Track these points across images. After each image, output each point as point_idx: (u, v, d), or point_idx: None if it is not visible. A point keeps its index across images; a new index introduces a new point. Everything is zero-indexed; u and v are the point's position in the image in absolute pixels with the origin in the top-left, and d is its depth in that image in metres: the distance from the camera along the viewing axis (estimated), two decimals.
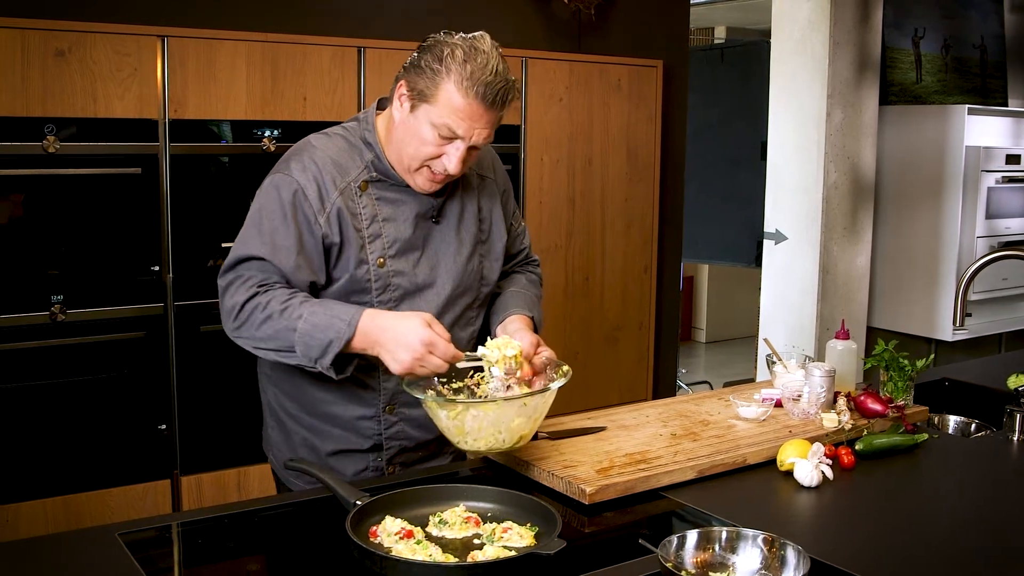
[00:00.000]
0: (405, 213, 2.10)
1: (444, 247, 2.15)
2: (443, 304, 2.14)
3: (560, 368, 2.05)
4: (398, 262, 2.09)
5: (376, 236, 2.06)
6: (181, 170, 3.36)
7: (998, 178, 4.83)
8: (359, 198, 2.06)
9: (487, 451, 1.98)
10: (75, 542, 1.77)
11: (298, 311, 1.94)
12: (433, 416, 1.97)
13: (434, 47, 1.98)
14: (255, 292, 1.98)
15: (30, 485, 3.21)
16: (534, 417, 1.96)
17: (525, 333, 2.14)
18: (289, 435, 2.18)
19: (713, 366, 8.24)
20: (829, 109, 4.48)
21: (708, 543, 1.64)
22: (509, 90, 1.98)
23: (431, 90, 1.96)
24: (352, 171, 2.07)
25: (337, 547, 1.72)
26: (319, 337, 1.92)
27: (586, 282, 4.48)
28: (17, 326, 3.14)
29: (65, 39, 3.13)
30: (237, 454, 3.54)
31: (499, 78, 1.95)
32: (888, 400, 2.41)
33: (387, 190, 2.09)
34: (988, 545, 1.81)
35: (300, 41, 3.57)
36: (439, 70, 1.95)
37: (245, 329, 1.99)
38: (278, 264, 1.99)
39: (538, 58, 4.19)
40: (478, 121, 1.97)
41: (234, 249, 2.03)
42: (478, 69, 1.93)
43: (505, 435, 1.93)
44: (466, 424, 1.92)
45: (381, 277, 2.07)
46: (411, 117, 2.00)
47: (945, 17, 5.28)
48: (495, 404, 1.91)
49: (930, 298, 4.87)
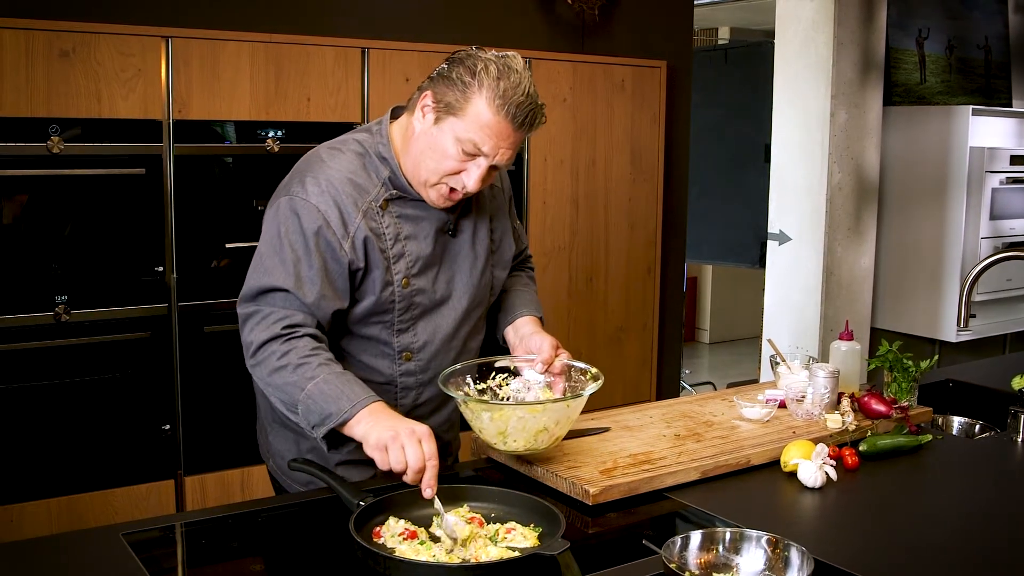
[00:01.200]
0: (425, 229, 2.06)
1: (460, 261, 2.13)
2: (460, 318, 2.14)
3: (588, 372, 2.08)
4: (420, 280, 2.06)
5: (400, 256, 2.03)
6: (185, 171, 3.37)
7: (1002, 179, 4.83)
8: (381, 218, 2.02)
9: (525, 451, 2.00)
10: (79, 542, 1.78)
11: (313, 372, 1.89)
12: (473, 416, 1.98)
13: (466, 60, 1.93)
14: (276, 335, 1.93)
15: (34, 485, 3.21)
16: (570, 419, 2.00)
17: (543, 336, 2.15)
18: (298, 441, 2.17)
19: (717, 367, 8.24)
20: (833, 110, 4.47)
21: (712, 544, 1.64)
22: (538, 113, 1.94)
23: (460, 103, 1.91)
24: (371, 190, 2.02)
25: (341, 548, 1.72)
26: (322, 405, 1.87)
27: (590, 283, 4.47)
28: (21, 326, 3.14)
29: (69, 40, 3.14)
30: (241, 454, 3.54)
31: (530, 100, 1.91)
32: (892, 401, 2.41)
33: (406, 207, 2.05)
34: (992, 546, 1.81)
35: (304, 42, 3.57)
36: (471, 84, 1.90)
37: (258, 369, 1.96)
38: (302, 297, 1.94)
39: (542, 59, 4.18)
40: (504, 140, 1.93)
41: (255, 276, 1.98)
42: (511, 88, 1.89)
43: (543, 437, 1.96)
44: (509, 426, 1.94)
45: (405, 297, 2.05)
46: (435, 129, 1.95)
47: (949, 18, 5.27)
48: (541, 407, 1.93)
49: (934, 299, 4.87)
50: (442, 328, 2.12)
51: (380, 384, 2.09)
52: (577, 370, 2.12)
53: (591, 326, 4.49)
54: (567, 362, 2.11)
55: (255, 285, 1.98)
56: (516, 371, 2.15)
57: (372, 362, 2.09)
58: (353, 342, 2.09)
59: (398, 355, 2.09)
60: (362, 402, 1.87)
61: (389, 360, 2.10)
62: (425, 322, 2.09)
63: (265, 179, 3.50)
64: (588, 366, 2.10)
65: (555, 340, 2.13)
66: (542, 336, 2.14)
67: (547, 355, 2.09)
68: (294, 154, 3.46)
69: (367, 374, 2.09)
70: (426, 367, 2.12)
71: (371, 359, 2.09)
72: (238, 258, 3.48)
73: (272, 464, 2.24)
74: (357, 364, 2.10)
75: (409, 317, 2.07)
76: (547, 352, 2.09)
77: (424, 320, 2.09)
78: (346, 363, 2.09)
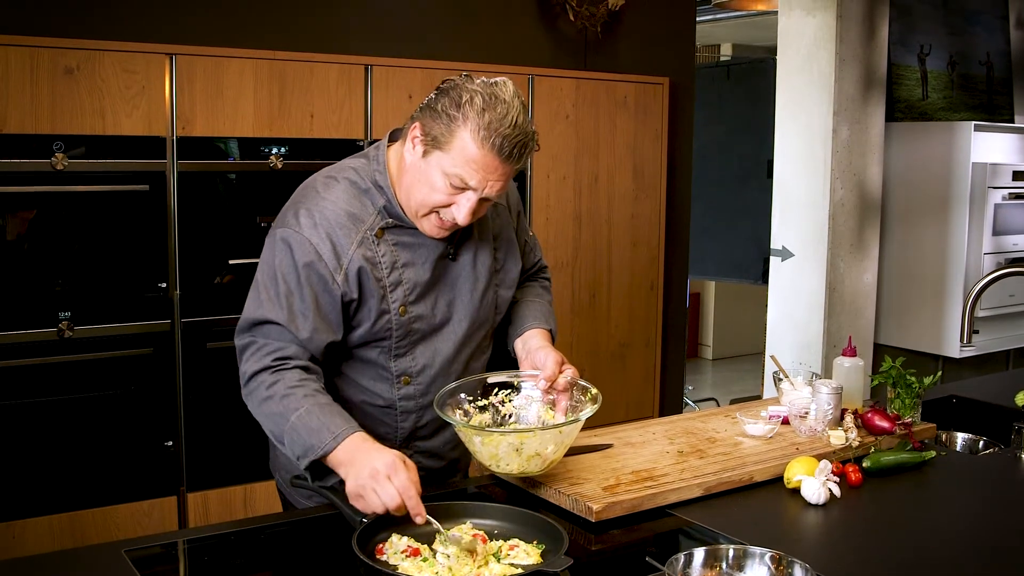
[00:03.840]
0: (423, 256, 2.04)
1: (461, 283, 2.11)
2: (460, 342, 2.12)
3: (589, 392, 2.06)
4: (418, 306, 2.05)
5: (397, 284, 2.02)
6: (189, 187, 3.37)
7: (1005, 195, 4.83)
8: (377, 246, 2.00)
9: (519, 474, 1.99)
10: (81, 559, 1.78)
11: (298, 403, 1.89)
12: (466, 440, 1.98)
13: (451, 91, 1.89)
14: (267, 367, 1.94)
15: (37, 501, 3.21)
16: (565, 443, 1.98)
17: (549, 351, 2.11)
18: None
19: (720, 383, 8.23)
20: (835, 126, 4.48)
21: (715, 561, 1.64)
22: (528, 143, 1.89)
23: (445, 137, 1.87)
24: (366, 219, 2.00)
25: (343, 565, 1.71)
26: (304, 438, 1.87)
27: (593, 299, 4.47)
28: (25, 342, 3.15)
29: (74, 57, 3.15)
30: (243, 471, 3.54)
31: (518, 131, 1.86)
32: (895, 417, 2.40)
33: (403, 234, 2.03)
34: (996, 563, 1.80)
35: (307, 59, 3.58)
36: (455, 117, 1.86)
37: (249, 400, 1.98)
38: (295, 331, 1.95)
39: (544, 75, 4.20)
40: (492, 173, 1.89)
41: (251, 308, 2.00)
42: (496, 120, 1.84)
43: (536, 461, 1.95)
44: (500, 450, 1.93)
45: (402, 325, 2.04)
46: (423, 162, 1.92)
47: (951, 34, 5.28)
48: (531, 434, 1.93)
49: (937, 315, 4.86)
50: (442, 352, 2.10)
51: (380, 407, 2.09)
52: (579, 388, 2.09)
53: (594, 342, 4.49)
54: (572, 379, 2.09)
55: (250, 317, 1.99)
56: (519, 387, 2.14)
57: (371, 385, 2.09)
58: (353, 366, 2.09)
59: (396, 379, 2.08)
60: (342, 434, 1.85)
61: (387, 384, 2.09)
62: (424, 346, 2.08)
63: (268, 195, 3.51)
64: (589, 385, 2.07)
65: (560, 356, 2.11)
66: (547, 352, 2.11)
67: (550, 372, 2.06)
68: (297, 171, 3.49)
69: (367, 397, 2.09)
70: (426, 391, 2.10)
71: (370, 383, 2.09)
72: (241, 274, 3.48)
73: (280, 479, 2.24)
74: (357, 387, 2.09)
75: (407, 343, 2.06)
76: (550, 369, 2.06)
77: (423, 344, 2.08)
78: (346, 386, 2.09)
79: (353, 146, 3.65)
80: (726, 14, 7.09)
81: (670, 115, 4.65)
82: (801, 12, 4.54)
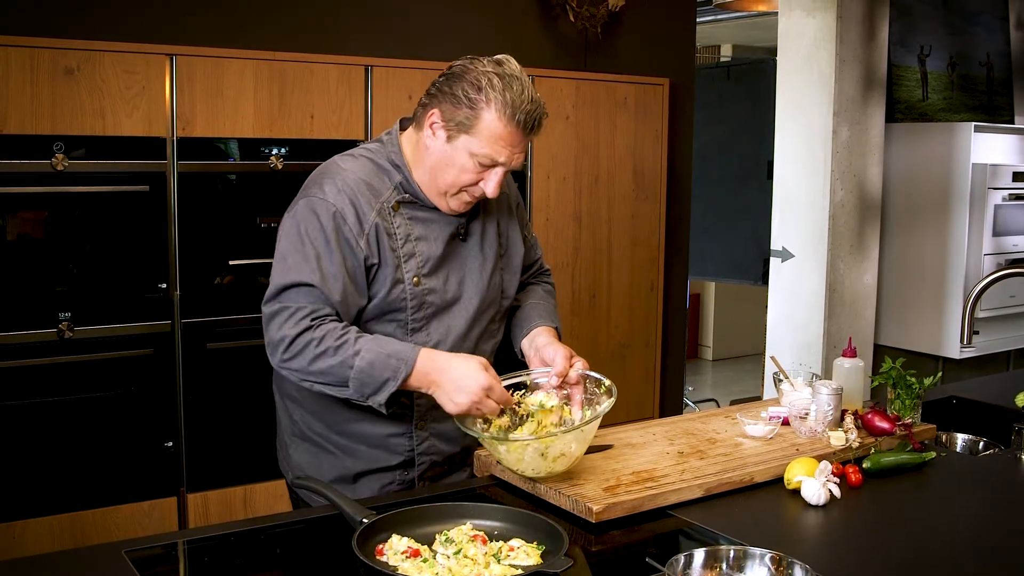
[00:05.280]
0: (436, 232, 2.12)
1: (470, 263, 2.18)
2: (471, 319, 2.17)
3: (602, 384, 2.10)
4: (431, 280, 2.11)
5: (410, 255, 2.08)
6: (189, 188, 3.37)
7: (1005, 195, 4.83)
8: (392, 218, 2.08)
9: (547, 475, 2.01)
10: (81, 559, 1.77)
11: (353, 347, 1.95)
12: (491, 449, 2.03)
13: (467, 75, 1.99)
14: (307, 327, 1.97)
15: (37, 502, 3.21)
16: (587, 439, 2.02)
17: (557, 347, 2.16)
18: (319, 455, 2.19)
19: (720, 384, 8.23)
20: (835, 127, 4.48)
21: (715, 561, 1.64)
22: (544, 113, 2.02)
23: (471, 120, 1.97)
24: (384, 192, 2.08)
25: (343, 565, 1.71)
26: (375, 375, 1.94)
27: (593, 299, 4.48)
28: (25, 343, 3.15)
29: (74, 57, 3.15)
30: (244, 471, 3.54)
31: (535, 104, 1.99)
32: (895, 418, 2.40)
33: (418, 210, 2.11)
34: (996, 563, 1.80)
35: (307, 59, 3.58)
36: (478, 99, 1.97)
37: (295, 362, 1.98)
38: (327, 292, 1.99)
39: (545, 76, 4.20)
40: (516, 147, 2.01)
41: (279, 275, 2.02)
42: (516, 97, 1.96)
43: (563, 460, 1.98)
44: (526, 455, 1.96)
45: (416, 296, 2.09)
46: (449, 147, 2.01)
47: (951, 35, 5.28)
48: (554, 439, 1.95)
49: (937, 316, 4.86)
50: (454, 328, 2.15)
51: None
52: (592, 380, 2.13)
53: (594, 343, 4.49)
54: (583, 372, 2.12)
55: (279, 282, 2.01)
56: (533, 386, 2.16)
57: None
58: None
59: None
60: (411, 355, 1.96)
61: None
62: (438, 322, 2.13)
63: (269, 196, 3.51)
64: (601, 376, 2.11)
65: (569, 350, 2.15)
66: (555, 347, 2.16)
67: (560, 367, 2.10)
68: (297, 171, 3.49)
69: None
70: None
71: None
72: (242, 275, 3.48)
73: (291, 479, 2.25)
74: None
75: (422, 316, 2.10)
76: (560, 364, 2.11)
77: (437, 320, 2.13)
78: None
79: (353, 147, 3.64)
80: (726, 15, 7.09)
81: (670, 116, 4.65)
82: (801, 13, 4.54)
